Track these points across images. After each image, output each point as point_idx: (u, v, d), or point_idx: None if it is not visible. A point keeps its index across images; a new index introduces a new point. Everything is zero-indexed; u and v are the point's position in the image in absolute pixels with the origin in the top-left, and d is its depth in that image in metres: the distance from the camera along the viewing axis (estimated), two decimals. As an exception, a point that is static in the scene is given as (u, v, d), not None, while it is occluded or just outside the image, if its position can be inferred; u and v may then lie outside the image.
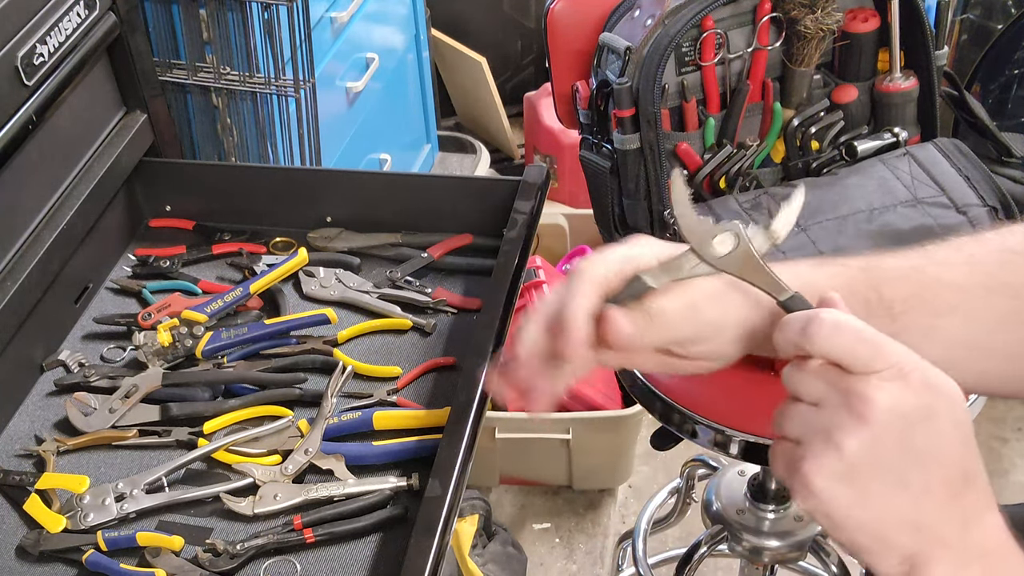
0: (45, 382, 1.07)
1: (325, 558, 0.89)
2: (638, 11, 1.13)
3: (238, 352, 1.07)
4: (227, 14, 1.44)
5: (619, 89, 1.08)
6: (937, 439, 0.57)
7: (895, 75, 1.14)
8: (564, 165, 2.47)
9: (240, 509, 0.92)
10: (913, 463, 0.57)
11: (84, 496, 0.92)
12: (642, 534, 1.63)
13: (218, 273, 1.20)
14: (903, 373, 0.57)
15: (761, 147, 1.14)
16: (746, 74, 1.13)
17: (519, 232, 1.10)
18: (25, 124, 0.99)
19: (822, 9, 1.08)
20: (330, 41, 1.80)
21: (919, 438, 0.57)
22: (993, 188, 1.07)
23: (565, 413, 1.87)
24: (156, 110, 1.24)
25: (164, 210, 1.26)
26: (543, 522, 2.03)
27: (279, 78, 1.48)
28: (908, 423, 0.56)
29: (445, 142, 2.54)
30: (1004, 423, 2.18)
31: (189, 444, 0.99)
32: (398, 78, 2.19)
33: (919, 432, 0.57)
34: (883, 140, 1.14)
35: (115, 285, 1.18)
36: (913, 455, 0.57)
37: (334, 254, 1.20)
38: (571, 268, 0.68)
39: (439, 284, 1.16)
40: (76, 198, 1.10)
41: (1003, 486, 2.04)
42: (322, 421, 0.98)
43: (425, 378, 1.06)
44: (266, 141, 1.54)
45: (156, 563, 0.88)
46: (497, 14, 2.75)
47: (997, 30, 1.99)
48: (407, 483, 0.93)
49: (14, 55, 0.97)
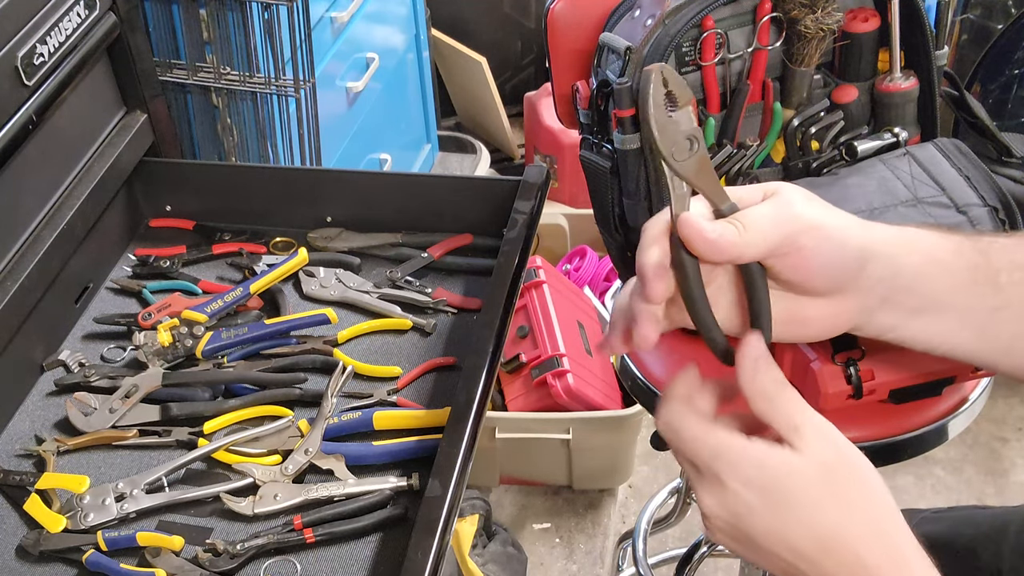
0: (45, 382, 1.07)
1: (325, 558, 0.89)
2: (638, 11, 1.13)
3: (238, 352, 1.07)
4: (227, 14, 1.44)
5: (619, 89, 1.08)
6: (764, 528, 0.62)
7: (895, 75, 1.14)
8: (564, 165, 2.47)
9: (240, 509, 0.92)
10: (754, 547, 0.63)
11: (84, 496, 0.92)
12: (642, 534, 1.63)
13: (218, 273, 1.20)
14: (720, 480, 0.63)
15: (761, 147, 1.14)
16: (746, 74, 1.13)
17: (519, 232, 1.10)
18: (25, 124, 0.99)
19: (822, 9, 1.08)
20: (330, 41, 1.80)
21: (745, 530, 0.63)
22: (993, 188, 1.07)
23: (565, 413, 1.87)
24: (156, 110, 1.24)
25: (164, 210, 1.26)
26: (543, 522, 2.03)
27: (279, 78, 1.48)
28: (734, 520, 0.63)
29: (445, 142, 2.54)
30: (1004, 423, 2.18)
31: (189, 444, 0.99)
32: (398, 78, 2.19)
33: (743, 526, 0.63)
34: (883, 140, 1.14)
35: (115, 285, 1.18)
36: (751, 542, 0.63)
37: (334, 254, 1.20)
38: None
39: (439, 284, 1.16)
40: (76, 198, 1.10)
41: (1003, 486, 2.04)
42: (322, 421, 0.98)
43: (425, 378, 1.06)
44: (266, 141, 1.54)
45: (156, 563, 0.88)
46: (497, 14, 2.75)
47: (997, 30, 1.99)
48: (407, 483, 0.93)
49: (14, 55, 0.97)
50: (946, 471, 2.09)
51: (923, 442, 1.15)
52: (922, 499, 2.02)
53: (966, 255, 0.67)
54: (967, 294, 0.67)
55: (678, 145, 0.62)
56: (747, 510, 0.62)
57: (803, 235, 0.64)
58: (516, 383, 1.92)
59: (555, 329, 1.89)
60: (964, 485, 2.06)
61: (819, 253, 0.64)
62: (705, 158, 0.63)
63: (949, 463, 2.10)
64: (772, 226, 0.63)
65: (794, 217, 0.64)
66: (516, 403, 1.90)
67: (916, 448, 1.15)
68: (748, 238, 0.63)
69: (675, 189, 0.63)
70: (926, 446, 1.16)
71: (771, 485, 0.62)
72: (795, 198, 0.65)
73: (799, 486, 0.61)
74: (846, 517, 0.62)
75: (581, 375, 1.87)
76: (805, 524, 0.62)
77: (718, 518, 0.64)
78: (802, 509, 0.62)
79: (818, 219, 0.64)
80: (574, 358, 1.86)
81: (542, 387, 1.86)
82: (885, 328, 0.69)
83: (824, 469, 0.62)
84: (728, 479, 0.62)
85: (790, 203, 0.64)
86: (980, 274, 0.67)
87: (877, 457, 1.16)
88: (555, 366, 1.85)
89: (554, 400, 1.85)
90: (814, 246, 0.64)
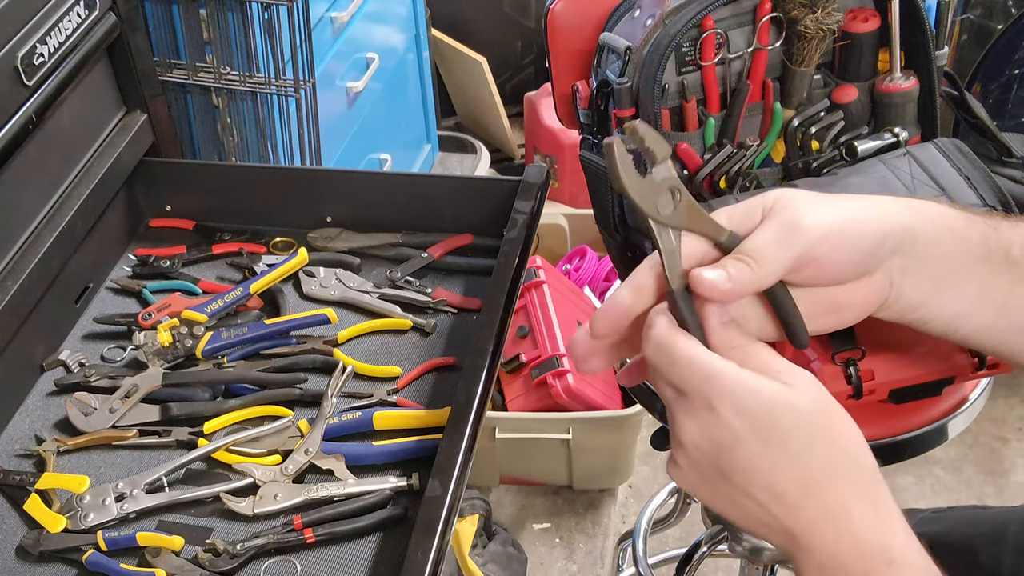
0: (45, 382, 1.07)
1: (325, 558, 0.89)
2: (638, 11, 1.13)
3: (238, 352, 1.07)
4: (227, 14, 1.44)
5: (619, 89, 1.08)
6: (746, 462, 0.60)
7: (895, 75, 1.14)
8: (564, 165, 2.47)
9: (240, 509, 0.92)
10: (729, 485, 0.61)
11: (84, 496, 0.92)
12: (642, 534, 1.63)
13: (218, 273, 1.20)
14: (710, 405, 0.60)
15: (761, 147, 1.14)
16: (746, 74, 1.13)
17: (519, 232, 1.10)
18: (25, 124, 0.99)
19: (822, 9, 1.08)
20: (330, 41, 1.80)
21: (724, 463, 0.60)
22: (993, 188, 1.07)
23: (565, 413, 1.87)
24: (156, 110, 1.24)
25: (164, 210, 1.26)
26: (543, 522, 2.03)
27: (279, 78, 1.48)
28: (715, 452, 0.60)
29: (445, 142, 2.54)
30: (1004, 423, 2.18)
31: (189, 444, 0.99)
32: (398, 78, 2.19)
33: (724, 459, 0.60)
34: (883, 140, 1.14)
35: (115, 285, 1.18)
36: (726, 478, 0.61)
37: (334, 254, 1.20)
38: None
39: (439, 284, 1.16)
40: (76, 198, 1.10)
41: (1003, 486, 2.04)
42: (322, 421, 0.98)
43: (425, 378, 1.06)
44: (266, 141, 1.54)
45: (156, 563, 0.88)
46: (497, 14, 2.75)
47: (997, 30, 1.99)
48: (407, 483, 0.93)
49: (14, 55, 0.97)
50: (946, 471, 2.09)
51: (923, 442, 1.15)
52: (922, 499, 2.02)
53: (978, 226, 0.67)
54: (982, 264, 0.67)
55: (661, 201, 0.63)
56: (732, 439, 0.59)
57: (815, 248, 0.63)
58: (516, 383, 1.92)
59: (555, 329, 1.89)
60: (964, 485, 2.06)
61: (836, 257, 0.64)
62: (691, 203, 0.63)
63: (949, 463, 2.10)
64: (782, 250, 0.63)
65: (802, 233, 0.63)
66: (516, 403, 1.90)
67: (916, 448, 1.15)
68: (762, 272, 0.62)
69: (663, 244, 0.63)
70: (926, 446, 1.16)
71: (765, 415, 0.59)
72: (798, 211, 0.64)
73: (792, 422, 0.59)
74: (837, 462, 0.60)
75: (581, 375, 1.87)
76: (792, 462, 0.59)
77: (696, 448, 0.61)
78: (792, 445, 0.59)
79: (826, 226, 0.63)
80: (574, 358, 1.86)
81: (542, 387, 1.86)
82: (914, 304, 0.68)
83: (817, 409, 0.60)
84: (720, 405, 0.59)
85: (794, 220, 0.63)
86: (994, 243, 0.67)
87: (877, 457, 1.17)
88: (555, 366, 1.85)
89: (554, 400, 1.85)
90: (829, 253, 0.63)
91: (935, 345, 1.17)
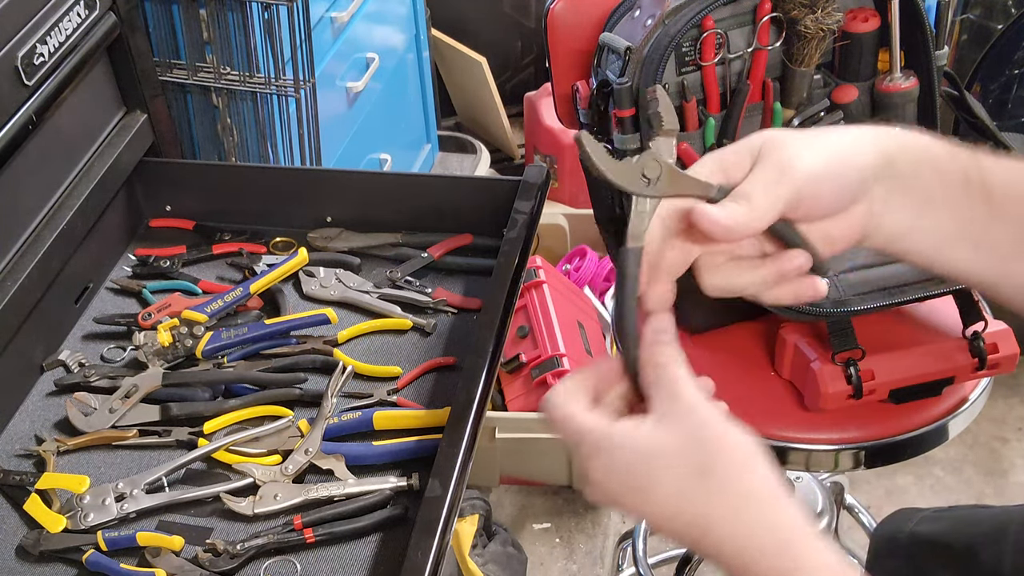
0: (45, 382, 1.07)
1: (325, 558, 0.89)
2: (638, 11, 1.13)
3: (238, 352, 1.07)
4: (227, 14, 1.44)
5: (619, 89, 1.08)
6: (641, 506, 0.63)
7: (895, 75, 1.14)
8: (564, 165, 2.47)
9: (240, 509, 0.92)
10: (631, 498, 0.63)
11: (84, 496, 0.92)
12: (642, 534, 1.63)
13: (218, 273, 1.20)
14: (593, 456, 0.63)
15: (761, 147, 1.14)
16: (746, 74, 1.13)
17: (519, 232, 1.10)
18: (25, 124, 0.99)
19: (822, 9, 1.08)
20: (330, 41, 1.80)
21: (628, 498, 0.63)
22: (993, 188, 1.08)
23: (565, 413, 1.87)
24: (156, 110, 1.24)
25: (164, 210, 1.26)
26: (543, 522, 2.03)
27: (279, 78, 1.48)
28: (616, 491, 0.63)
29: (445, 142, 2.54)
30: (1004, 423, 2.18)
31: (189, 444, 0.99)
32: (398, 78, 2.19)
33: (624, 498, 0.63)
34: (883, 140, 1.14)
35: (115, 285, 1.18)
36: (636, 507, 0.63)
37: (334, 254, 1.20)
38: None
39: (439, 284, 1.16)
40: (76, 198, 1.10)
41: (1003, 486, 2.04)
42: (322, 421, 0.98)
43: (425, 378, 1.06)
44: (266, 141, 1.54)
45: (156, 563, 0.88)
46: (497, 14, 2.75)
47: (997, 30, 1.99)
48: (407, 483, 0.93)
49: (14, 55, 0.97)
50: (946, 471, 2.09)
51: (923, 442, 1.15)
52: (922, 499, 2.02)
53: (960, 159, 0.69)
54: (961, 195, 0.68)
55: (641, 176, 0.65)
56: (616, 496, 0.63)
57: (806, 187, 0.65)
58: (516, 383, 1.92)
59: (555, 329, 1.89)
60: (964, 485, 2.06)
61: (825, 193, 0.66)
62: (672, 169, 0.65)
63: (949, 463, 2.10)
64: (779, 190, 0.65)
65: (792, 174, 0.65)
66: (516, 403, 1.90)
67: (916, 448, 1.15)
68: (757, 211, 0.65)
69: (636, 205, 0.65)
70: (926, 446, 1.16)
71: (632, 470, 0.62)
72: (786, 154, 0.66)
73: (664, 465, 0.61)
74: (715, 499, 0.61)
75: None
76: (674, 503, 0.61)
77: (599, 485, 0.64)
78: (665, 488, 0.61)
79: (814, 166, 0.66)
80: (574, 358, 1.86)
81: (542, 387, 1.86)
82: (897, 234, 0.70)
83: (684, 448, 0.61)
84: (590, 466, 0.63)
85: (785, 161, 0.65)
86: (973, 176, 0.68)
87: (877, 457, 1.17)
88: (555, 366, 1.85)
89: (554, 400, 1.85)
90: (819, 190, 0.66)
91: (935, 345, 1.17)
